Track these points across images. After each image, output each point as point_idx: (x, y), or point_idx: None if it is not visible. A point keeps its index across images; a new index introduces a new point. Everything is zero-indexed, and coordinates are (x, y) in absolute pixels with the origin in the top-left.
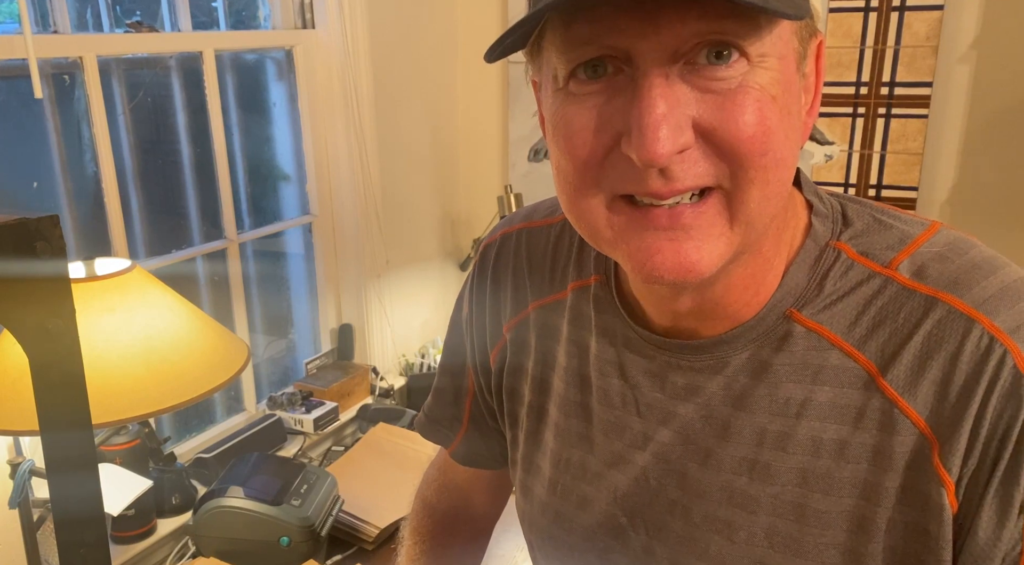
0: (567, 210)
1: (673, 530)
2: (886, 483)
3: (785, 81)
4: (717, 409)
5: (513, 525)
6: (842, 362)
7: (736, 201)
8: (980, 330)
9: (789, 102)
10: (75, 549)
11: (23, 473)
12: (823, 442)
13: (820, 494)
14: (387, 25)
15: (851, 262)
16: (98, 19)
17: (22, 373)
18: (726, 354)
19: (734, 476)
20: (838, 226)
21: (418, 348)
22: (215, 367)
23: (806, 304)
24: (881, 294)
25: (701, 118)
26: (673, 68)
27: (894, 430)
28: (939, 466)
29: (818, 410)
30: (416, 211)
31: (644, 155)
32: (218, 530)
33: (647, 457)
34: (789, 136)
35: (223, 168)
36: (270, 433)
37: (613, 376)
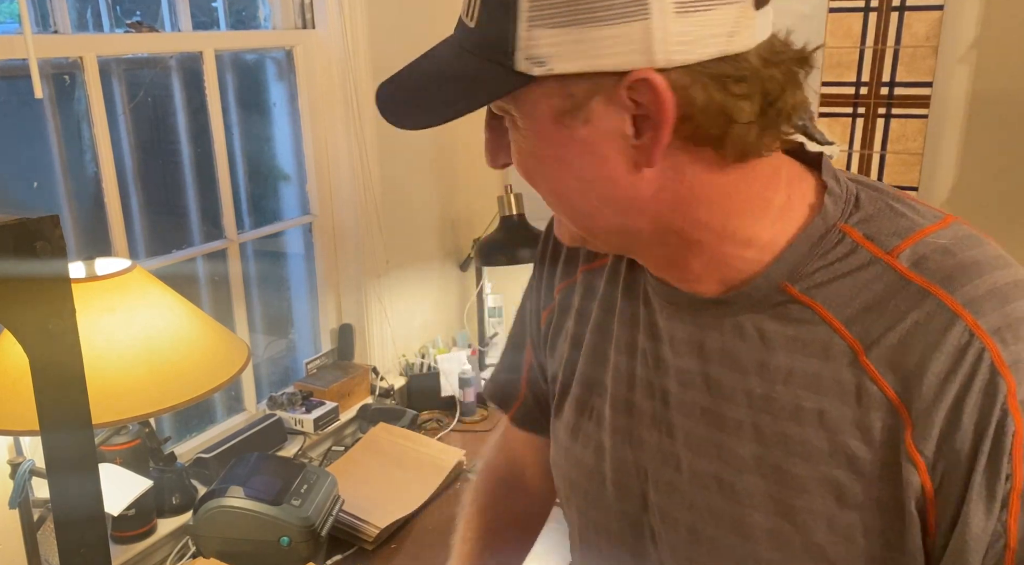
0: None
1: (666, 481)
2: (862, 455)
3: (538, 136)
4: (712, 367)
5: None
6: (830, 337)
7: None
8: (963, 327)
9: (551, 149)
10: (75, 549)
11: (23, 473)
12: (804, 410)
13: (799, 459)
14: (387, 25)
15: (854, 245)
16: (98, 19)
17: (22, 373)
18: (724, 314)
19: (723, 434)
20: (849, 208)
21: (418, 348)
22: (215, 367)
23: (802, 279)
24: (878, 280)
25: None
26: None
27: (871, 405)
28: (911, 446)
29: (803, 379)
30: (416, 211)
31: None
32: (218, 530)
33: (654, 406)
34: (556, 175)
35: (223, 168)
36: (270, 433)
37: (629, 327)
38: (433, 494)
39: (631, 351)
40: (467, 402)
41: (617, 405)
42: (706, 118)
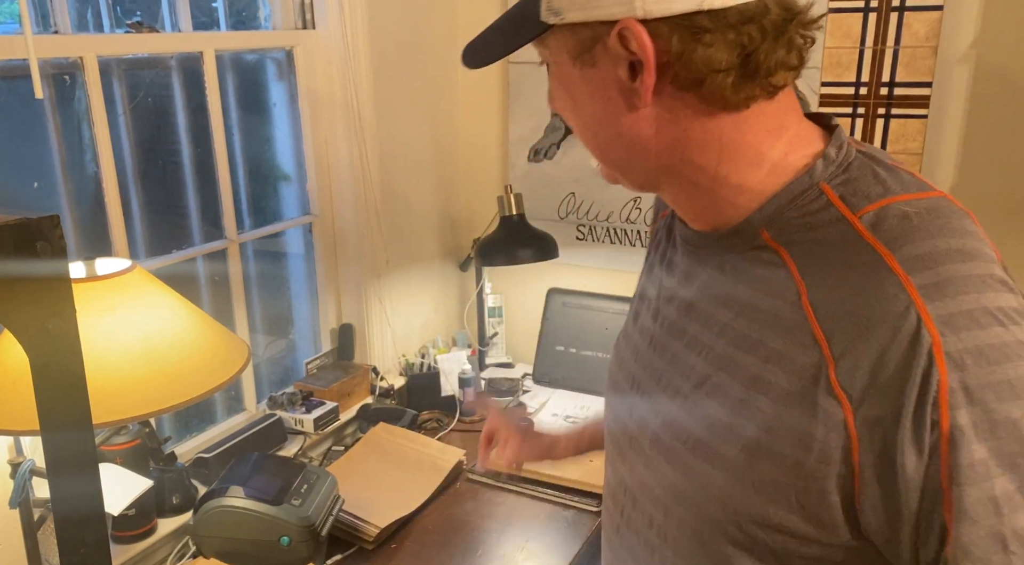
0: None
1: (648, 392)
2: (783, 385)
3: (560, 74)
4: (697, 296)
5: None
6: (785, 281)
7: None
8: (895, 281)
9: (571, 89)
10: (76, 549)
11: (24, 473)
12: (750, 339)
13: (735, 380)
14: (387, 25)
15: (827, 202)
16: (99, 19)
17: (23, 373)
18: (713, 252)
19: (690, 353)
20: (837, 171)
21: (418, 348)
22: (215, 367)
23: (774, 226)
24: (838, 236)
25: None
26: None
27: (801, 341)
28: (834, 382)
29: (755, 313)
30: (416, 211)
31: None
32: (218, 530)
33: (654, 325)
34: (579, 112)
35: (223, 168)
36: (270, 433)
37: (660, 259)
38: (433, 494)
39: (655, 279)
40: (467, 402)
41: (635, 320)
42: (682, 66)
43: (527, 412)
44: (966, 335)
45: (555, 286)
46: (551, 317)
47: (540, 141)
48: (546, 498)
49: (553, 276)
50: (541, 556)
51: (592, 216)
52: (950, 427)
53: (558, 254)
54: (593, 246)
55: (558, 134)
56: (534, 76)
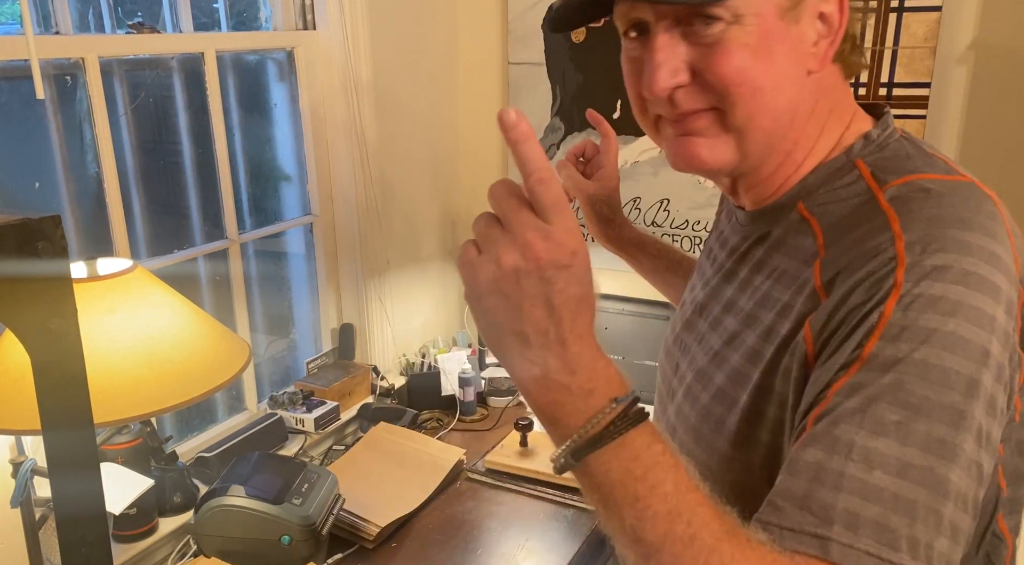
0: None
1: (689, 348)
2: (779, 329)
3: (761, 31)
4: (736, 263)
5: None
6: (811, 245)
7: (726, 116)
8: (889, 235)
9: (767, 45)
10: (77, 548)
11: (25, 472)
12: (770, 297)
13: (750, 331)
14: (387, 26)
15: (859, 177)
16: (100, 20)
17: (24, 372)
18: (758, 225)
19: (724, 312)
20: (874, 151)
21: (419, 348)
22: (216, 367)
23: (810, 200)
24: (862, 205)
25: (694, 64)
26: (676, 30)
27: (805, 294)
28: (807, 324)
29: (781, 275)
30: (416, 211)
31: (648, 91)
32: (219, 529)
33: (703, 295)
34: (767, 70)
35: (224, 168)
36: (271, 432)
37: (716, 238)
38: (433, 493)
39: (711, 255)
40: (467, 401)
41: (691, 290)
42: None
43: (527, 412)
44: (926, 284)
45: None
46: None
47: (540, 141)
48: (546, 498)
49: None
50: (541, 555)
51: None
52: (869, 354)
53: None
54: (593, 246)
55: (558, 134)
56: (534, 76)
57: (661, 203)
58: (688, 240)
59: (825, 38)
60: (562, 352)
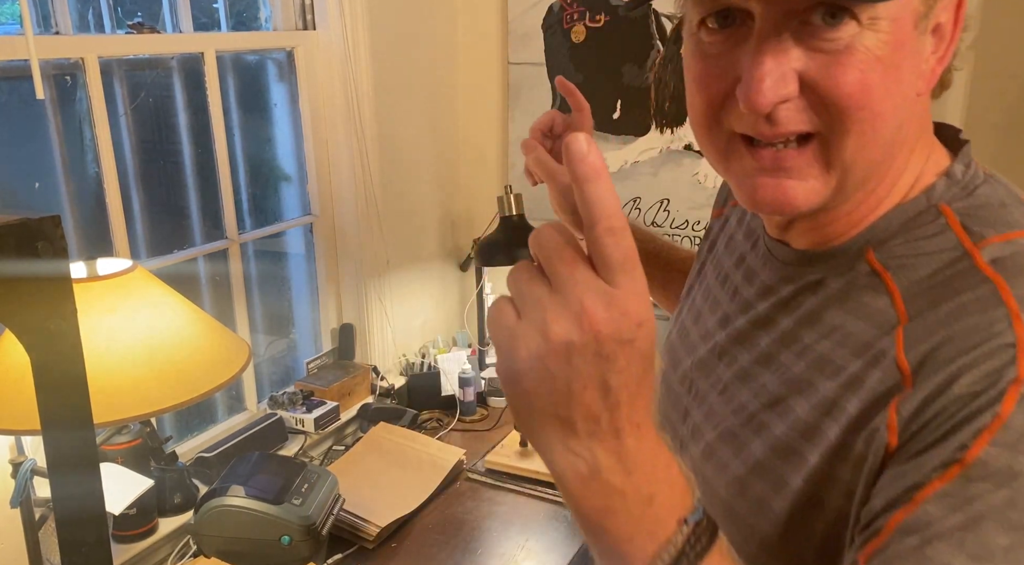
0: (696, 138)
1: (709, 403)
2: (848, 406)
3: (895, 42)
4: (775, 310)
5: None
6: (885, 309)
7: (833, 148)
8: (1004, 313)
9: (897, 59)
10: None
11: (25, 472)
12: (830, 362)
13: (802, 399)
14: (387, 26)
15: (945, 227)
16: (100, 20)
17: (24, 373)
18: (809, 271)
19: (759, 366)
20: (960, 193)
21: (418, 348)
22: (216, 367)
23: (884, 248)
24: (952, 265)
25: (807, 73)
26: (788, 25)
27: (881, 369)
28: (894, 406)
29: (843, 337)
30: (416, 211)
31: (749, 104)
32: (219, 529)
33: (721, 334)
34: (893, 91)
35: (224, 168)
36: (271, 432)
37: (735, 262)
38: (433, 493)
39: (726, 283)
40: (467, 401)
41: (699, 326)
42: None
43: None
44: None
45: None
46: None
47: None
48: (546, 498)
49: None
50: (541, 555)
51: None
52: (976, 460)
53: None
54: None
55: None
56: (534, 76)
57: (661, 203)
58: (688, 240)
59: (934, 54)
60: (617, 446)
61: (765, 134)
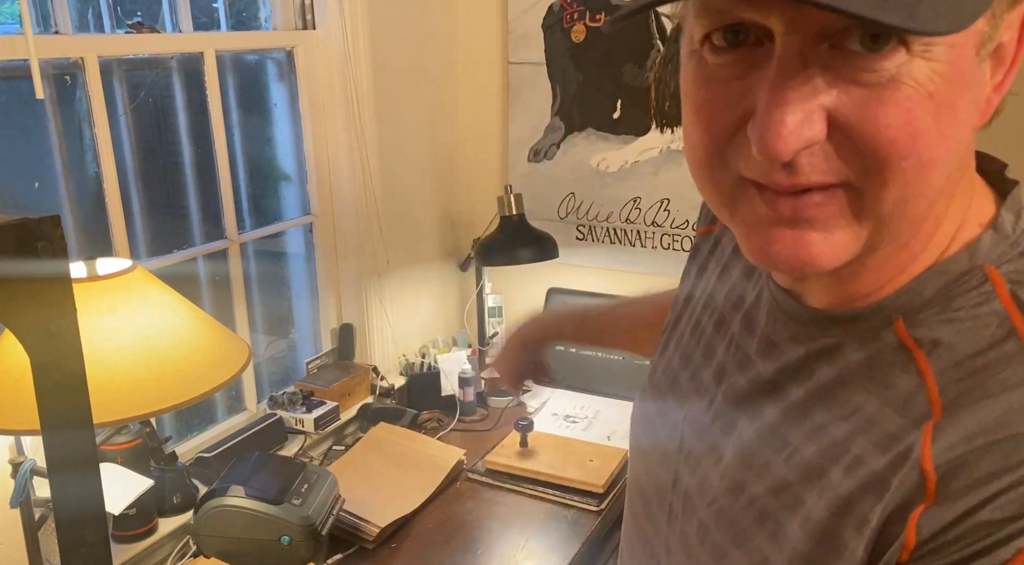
0: (693, 177)
1: (703, 470)
2: (870, 515)
3: (953, 73)
4: (782, 376)
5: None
6: (916, 392)
7: (868, 200)
8: None
9: (954, 95)
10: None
11: (24, 472)
12: (847, 451)
13: (814, 493)
14: (387, 25)
15: (991, 295)
16: (99, 20)
17: (24, 373)
18: (821, 332)
19: (771, 451)
20: (1009, 252)
21: (419, 348)
22: (216, 367)
23: (917, 318)
24: (997, 348)
25: (839, 112)
26: (817, 50)
27: (903, 470)
28: (914, 518)
29: (864, 423)
30: (416, 211)
31: (765, 150)
32: (219, 529)
33: (719, 393)
34: (947, 135)
35: (224, 168)
36: (271, 432)
37: (733, 305)
38: (433, 493)
39: (721, 327)
40: (467, 402)
41: (689, 372)
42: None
43: (527, 412)
44: None
45: (555, 286)
46: None
47: (540, 141)
48: (546, 498)
49: (553, 276)
50: (541, 555)
51: (592, 216)
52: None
53: (558, 254)
54: (593, 246)
55: (558, 134)
56: (534, 76)
57: (661, 203)
58: (688, 240)
59: (992, 79)
60: None
61: (781, 184)
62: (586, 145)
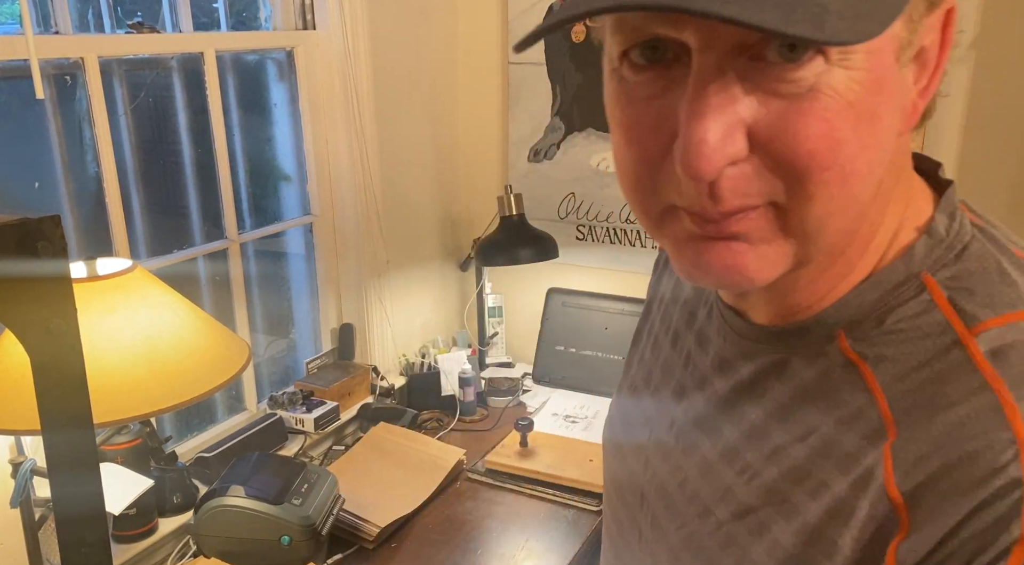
0: (625, 197)
1: (668, 491)
2: (840, 543)
3: (872, 81)
4: (743, 399)
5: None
6: (866, 409)
7: (792, 217)
8: (1010, 443)
9: (875, 103)
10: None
11: (25, 472)
12: (811, 477)
13: (784, 524)
14: (387, 25)
15: (930, 305)
16: (99, 20)
17: (24, 373)
18: (767, 349)
19: (732, 473)
20: (945, 256)
21: (418, 348)
22: (216, 367)
23: (858, 333)
24: (942, 358)
25: (758, 125)
26: (735, 63)
27: (870, 496)
28: (893, 551)
29: (821, 444)
30: (416, 211)
31: (688, 169)
32: (219, 529)
33: (679, 411)
34: (869, 144)
35: (224, 168)
36: (271, 432)
37: (687, 322)
38: (433, 493)
39: (677, 344)
40: (467, 402)
41: (647, 380)
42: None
43: (527, 412)
44: None
45: (555, 286)
46: (551, 317)
47: (540, 141)
48: (546, 498)
49: (553, 276)
50: (541, 555)
51: (592, 216)
52: None
53: (558, 254)
54: (593, 246)
55: (558, 134)
56: (534, 76)
57: None
58: None
59: (917, 83)
60: None
61: (708, 212)
62: (586, 145)
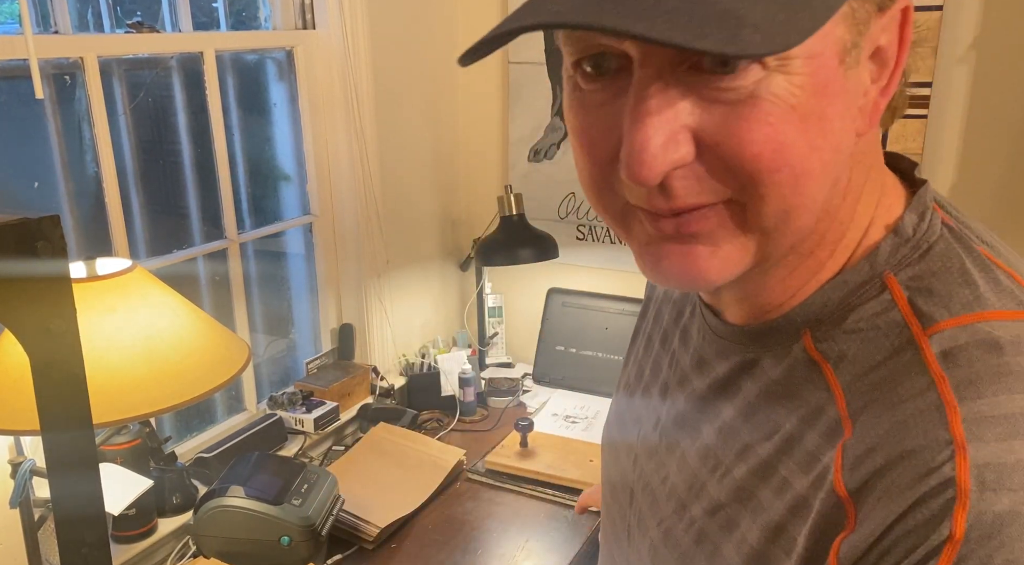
0: (586, 198)
1: (652, 489)
2: (797, 539)
3: (815, 84)
4: (719, 399)
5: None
6: (825, 406)
7: (750, 214)
8: (946, 445)
9: (821, 105)
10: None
11: (24, 472)
12: (776, 474)
13: (747, 514)
14: (387, 25)
15: (890, 304)
16: (99, 19)
17: (23, 373)
18: (740, 348)
19: (706, 471)
20: (909, 256)
21: (418, 348)
22: (216, 367)
23: (821, 332)
24: (896, 357)
25: (704, 131)
26: (677, 72)
27: (823, 492)
28: (836, 547)
29: (786, 442)
30: (416, 211)
31: (631, 175)
32: (219, 530)
33: (664, 410)
34: (818, 145)
35: (224, 168)
36: (271, 433)
37: (674, 322)
38: (433, 493)
39: (666, 342)
40: (467, 402)
41: (639, 377)
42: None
43: (527, 412)
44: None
45: (555, 286)
46: (551, 317)
47: (540, 141)
48: (546, 498)
49: (553, 276)
50: (541, 555)
51: (592, 216)
52: None
53: (558, 254)
54: (593, 246)
55: (558, 134)
56: (534, 76)
57: None
58: None
59: (876, 82)
60: None
61: (661, 209)
62: None
